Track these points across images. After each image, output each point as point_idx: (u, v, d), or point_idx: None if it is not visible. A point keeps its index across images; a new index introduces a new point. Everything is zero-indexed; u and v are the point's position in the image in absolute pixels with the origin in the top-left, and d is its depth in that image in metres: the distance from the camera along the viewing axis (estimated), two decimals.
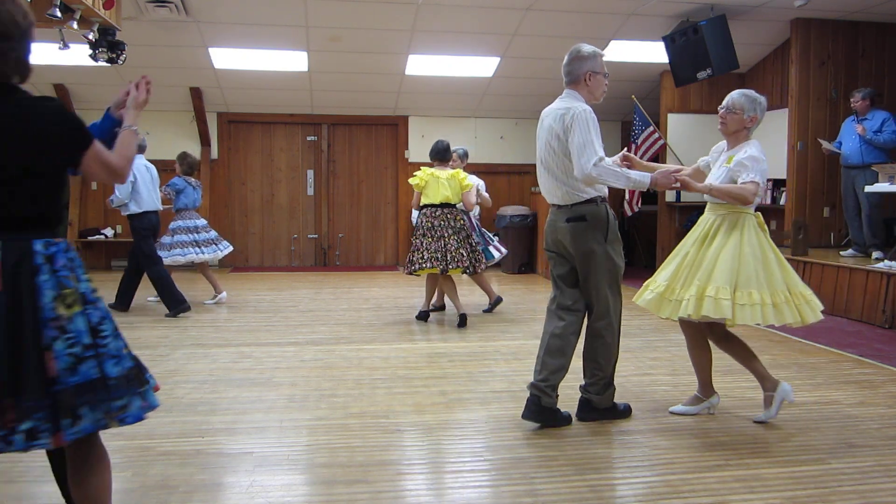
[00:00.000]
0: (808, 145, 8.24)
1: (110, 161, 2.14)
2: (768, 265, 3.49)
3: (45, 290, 1.94)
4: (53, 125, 2.01)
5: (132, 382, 2.08)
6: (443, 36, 8.50)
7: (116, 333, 2.09)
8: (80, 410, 1.95)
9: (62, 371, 1.92)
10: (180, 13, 7.68)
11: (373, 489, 2.88)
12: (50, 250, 2.00)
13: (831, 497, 2.82)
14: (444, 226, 6.18)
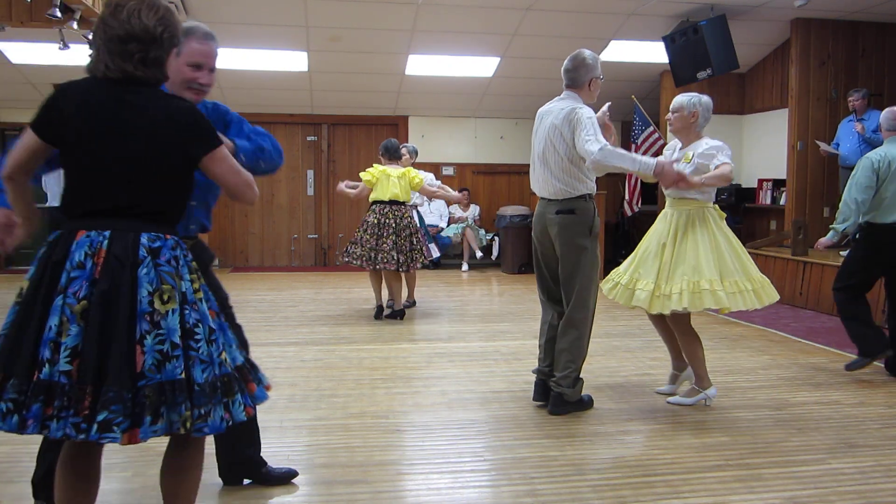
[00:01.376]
0: (807, 145, 8.24)
1: (240, 169, 2.14)
2: (738, 254, 3.78)
3: (144, 283, 1.93)
4: (179, 123, 2.03)
5: (218, 391, 1.99)
6: (443, 36, 8.50)
7: (212, 339, 2.01)
8: (160, 410, 1.92)
9: (149, 367, 1.90)
10: (180, 13, 7.68)
11: (373, 489, 2.88)
12: (155, 244, 1.98)
13: (831, 497, 2.82)
14: (389, 223, 6.35)
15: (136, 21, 1.97)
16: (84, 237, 1.95)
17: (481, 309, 7.07)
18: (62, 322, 1.87)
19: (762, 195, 9.18)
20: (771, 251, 8.04)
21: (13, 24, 5.56)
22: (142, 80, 2.02)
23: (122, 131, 1.98)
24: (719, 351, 5.33)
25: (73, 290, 1.89)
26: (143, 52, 1.99)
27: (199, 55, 2.49)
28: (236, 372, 2.07)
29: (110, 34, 1.98)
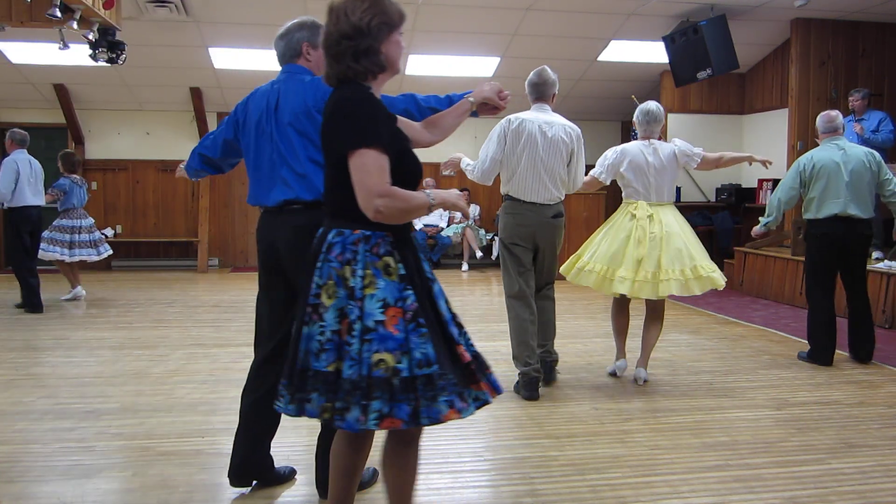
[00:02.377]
0: (807, 145, 8.23)
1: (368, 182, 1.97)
2: None
3: (315, 277, 2.04)
4: (335, 117, 2.06)
5: (360, 392, 1.95)
6: (443, 36, 8.49)
7: (367, 338, 1.97)
8: (311, 395, 2.01)
9: (307, 354, 2.02)
10: (180, 13, 7.68)
11: (373, 489, 2.87)
12: (334, 239, 2.04)
13: (831, 497, 2.82)
14: None
15: (344, 20, 2.05)
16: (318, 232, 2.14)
17: (481, 309, 7.07)
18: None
19: (762, 195, 9.18)
20: (771, 251, 8.04)
21: (13, 24, 5.56)
22: (350, 80, 2.07)
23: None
24: (719, 351, 5.33)
25: None
26: (354, 47, 2.04)
27: None
28: (400, 381, 1.96)
29: (329, 41, 2.08)
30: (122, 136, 10.36)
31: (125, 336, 5.75)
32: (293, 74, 2.79)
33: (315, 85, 2.70)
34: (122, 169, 10.41)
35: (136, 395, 4.13)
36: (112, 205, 10.46)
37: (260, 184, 2.72)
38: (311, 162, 2.59)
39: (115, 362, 4.89)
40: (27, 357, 5.04)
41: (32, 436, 3.45)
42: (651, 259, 4.16)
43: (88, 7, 5.39)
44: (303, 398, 2.01)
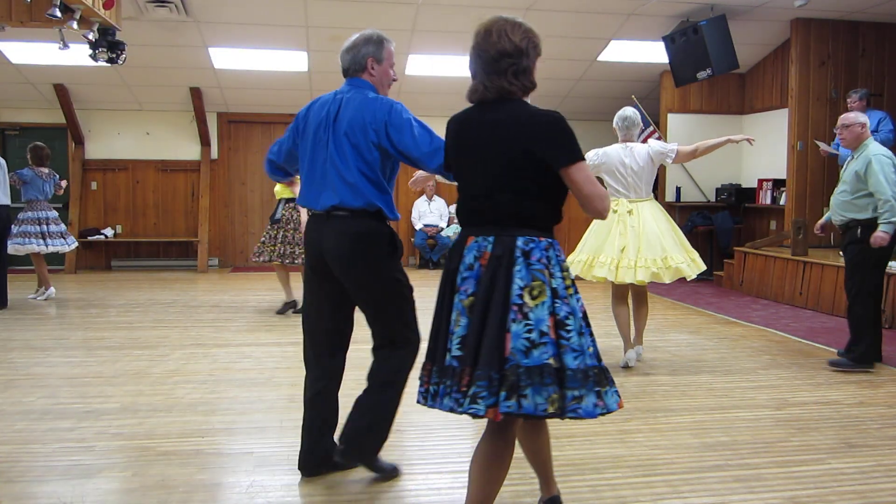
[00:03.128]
0: (807, 145, 8.24)
1: (597, 188, 2.25)
2: None
3: (517, 280, 2.15)
4: (549, 134, 2.23)
5: (591, 379, 2.15)
6: (443, 36, 8.49)
7: (583, 331, 2.19)
8: (525, 391, 2.07)
9: (515, 351, 2.10)
10: (180, 13, 7.68)
11: (373, 489, 2.88)
12: (528, 246, 2.19)
13: (831, 497, 2.82)
14: (295, 218, 6.64)
15: (505, 39, 2.26)
16: (473, 242, 2.25)
17: None
18: (457, 316, 2.20)
19: (762, 195, 9.18)
20: (771, 251, 8.04)
21: (13, 24, 5.56)
22: (511, 94, 2.27)
23: (496, 148, 2.25)
24: (719, 351, 5.33)
25: (464, 287, 2.22)
26: (515, 65, 2.25)
27: (393, 58, 2.94)
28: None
29: (485, 57, 2.26)
30: (122, 136, 10.36)
31: (125, 336, 5.75)
32: (358, 89, 2.91)
33: (377, 103, 2.86)
34: (122, 169, 10.41)
35: (136, 395, 4.13)
36: (112, 205, 10.46)
37: (311, 188, 2.87)
38: (360, 173, 2.78)
39: (115, 362, 4.89)
40: (27, 357, 5.04)
41: (32, 436, 3.45)
42: (632, 247, 4.60)
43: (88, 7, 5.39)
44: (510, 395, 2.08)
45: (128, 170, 10.41)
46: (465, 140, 2.33)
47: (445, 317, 2.25)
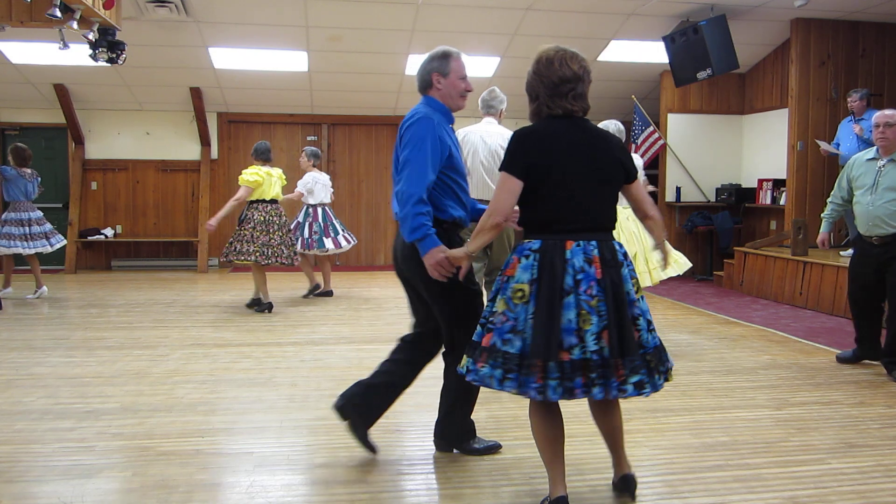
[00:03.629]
0: (807, 145, 8.24)
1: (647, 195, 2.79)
2: None
3: (627, 279, 2.53)
4: (625, 150, 2.68)
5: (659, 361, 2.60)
6: (443, 36, 8.47)
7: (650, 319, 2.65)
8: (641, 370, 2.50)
9: (643, 340, 2.54)
10: (180, 13, 7.68)
11: (373, 489, 2.88)
12: (622, 249, 2.59)
13: (831, 497, 2.82)
14: (274, 220, 6.90)
15: (566, 67, 2.57)
16: (575, 247, 2.49)
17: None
18: (581, 315, 2.43)
19: (762, 195, 9.18)
20: (771, 251, 8.04)
21: (13, 24, 5.55)
22: (574, 114, 2.60)
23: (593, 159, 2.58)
24: (719, 351, 5.33)
25: (583, 289, 2.45)
26: (574, 90, 2.57)
27: (463, 68, 3.10)
28: None
29: (547, 82, 2.58)
30: (122, 136, 10.36)
31: (125, 336, 5.75)
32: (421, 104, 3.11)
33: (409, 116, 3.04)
34: (122, 169, 10.41)
35: (136, 395, 4.14)
36: (112, 205, 10.46)
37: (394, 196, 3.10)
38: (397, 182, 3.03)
39: (115, 362, 4.89)
40: (27, 357, 5.04)
41: (32, 436, 3.45)
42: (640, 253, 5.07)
43: (88, 7, 5.39)
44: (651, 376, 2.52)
45: (128, 170, 10.41)
46: (556, 153, 2.54)
47: (557, 316, 2.42)
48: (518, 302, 2.47)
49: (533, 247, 2.52)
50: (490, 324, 2.54)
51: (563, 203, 2.53)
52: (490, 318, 2.55)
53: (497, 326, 2.50)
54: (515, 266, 2.52)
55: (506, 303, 2.51)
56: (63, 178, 10.38)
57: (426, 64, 3.11)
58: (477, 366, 2.53)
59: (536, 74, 2.59)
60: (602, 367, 2.43)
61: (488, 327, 2.55)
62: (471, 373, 2.56)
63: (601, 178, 2.57)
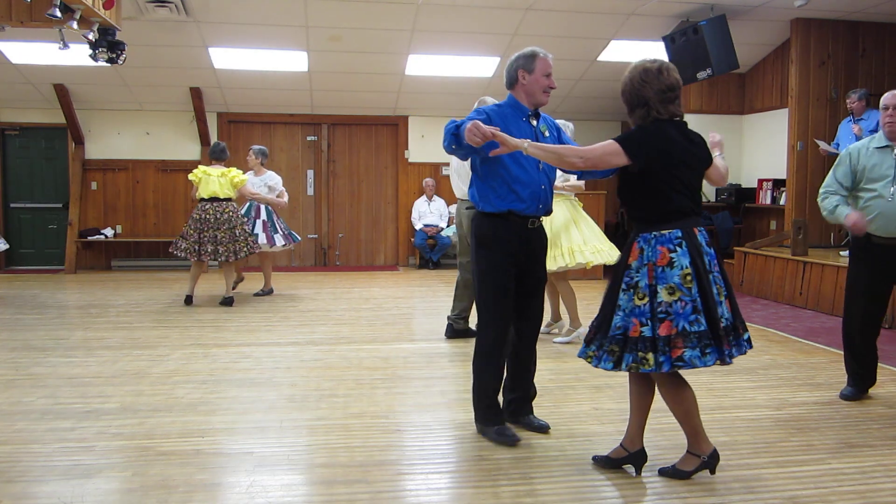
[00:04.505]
0: (807, 145, 8.24)
1: None
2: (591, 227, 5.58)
3: (715, 262, 2.88)
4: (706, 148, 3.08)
5: None
6: (443, 36, 8.49)
7: None
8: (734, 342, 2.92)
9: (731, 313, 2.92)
10: (180, 13, 7.68)
11: (373, 489, 2.88)
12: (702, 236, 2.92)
13: (831, 497, 2.83)
14: (209, 219, 7.06)
15: (671, 76, 2.92)
16: (699, 233, 2.88)
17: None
18: (718, 289, 2.84)
19: (762, 195, 9.18)
20: (771, 251, 8.04)
21: (13, 24, 5.55)
22: (676, 116, 2.96)
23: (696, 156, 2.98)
24: None
25: (714, 267, 2.86)
26: (676, 96, 2.93)
27: (548, 67, 3.39)
28: None
29: (656, 89, 2.90)
30: (122, 136, 10.36)
31: (125, 336, 5.75)
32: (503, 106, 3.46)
33: None
34: (122, 169, 10.41)
35: (136, 395, 4.14)
36: (112, 205, 10.46)
37: None
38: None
39: (114, 362, 4.89)
40: (27, 357, 5.04)
41: (32, 436, 3.45)
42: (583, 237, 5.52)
43: (88, 7, 5.39)
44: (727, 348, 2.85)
45: (128, 170, 10.41)
46: (675, 151, 2.89)
47: (712, 292, 2.79)
48: (689, 285, 2.77)
49: (677, 235, 2.82)
50: (664, 313, 2.76)
51: (685, 196, 2.90)
52: (663, 310, 2.76)
53: (680, 312, 2.75)
54: (667, 255, 2.79)
55: (677, 289, 2.76)
56: (63, 178, 10.38)
57: (513, 61, 3.40)
58: (673, 355, 2.75)
59: (645, 83, 2.89)
60: (733, 330, 2.88)
61: (660, 317, 2.76)
62: (664, 364, 2.77)
63: (700, 173, 3.03)
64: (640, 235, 2.87)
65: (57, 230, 10.36)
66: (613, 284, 2.92)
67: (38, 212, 10.40)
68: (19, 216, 10.40)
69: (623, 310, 2.84)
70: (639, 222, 2.92)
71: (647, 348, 2.76)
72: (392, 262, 11.18)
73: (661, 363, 2.75)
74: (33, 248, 10.44)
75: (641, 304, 2.79)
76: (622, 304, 2.84)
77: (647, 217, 2.87)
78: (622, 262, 2.95)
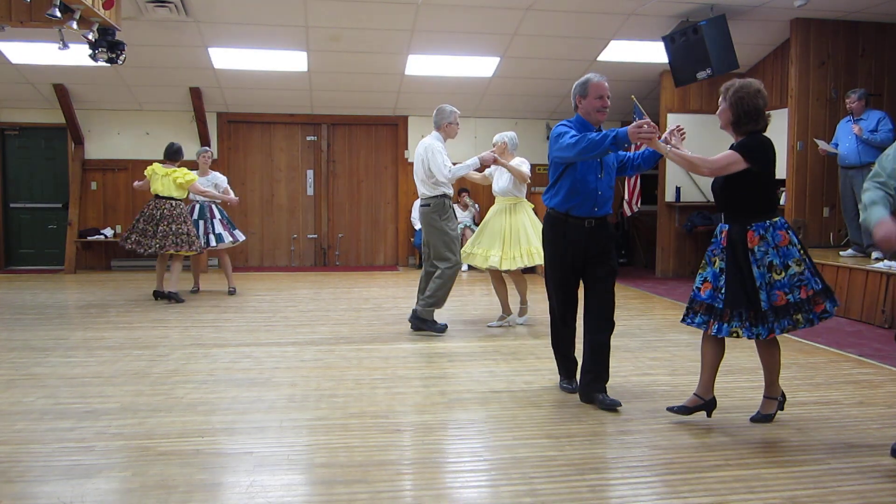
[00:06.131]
0: (807, 145, 8.24)
1: None
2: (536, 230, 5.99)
3: None
4: None
5: None
6: (443, 36, 8.49)
7: None
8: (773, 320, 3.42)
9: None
10: (180, 13, 7.68)
11: (373, 489, 2.88)
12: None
13: (831, 497, 2.82)
14: (155, 215, 7.34)
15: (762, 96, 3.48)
16: None
17: (481, 309, 7.07)
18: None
19: None
20: None
21: (13, 24, 5.56)
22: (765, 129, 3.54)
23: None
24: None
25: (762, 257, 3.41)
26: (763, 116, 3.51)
27: (600, 90, 3.92)
28: None
29: (763, 106, 3.45)
30: (122, 136, 10.37)
31: (125, 336, 5.75)
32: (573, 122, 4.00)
33: None
34: (121, 169, 10.41)
35: (136, 395, 4.14)
36: (112, 205, 10.46)
37: None
38: None
39: (114, 362, 4.89)
40: (27, 357, 5.04)
41: (32, 436, 3.45)
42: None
43: (88, 7, 5.39)
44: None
45: (128, 170, 10.41)
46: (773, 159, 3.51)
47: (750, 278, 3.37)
48: (805, 256, 3.40)
49: (784, 222, 3.44)
50: (799, 281, 3.38)
51: (770, 198, 3.52)
52: (797, 279, 3.38)
53: (809, 278, 3.39)
54: (786, 236, 3.39)
55: (800, 261, 3.38)
56: (63, 178, 10.38)
57: (573, 90, 3.99)
58: (817, 310, 3.40)
59: (761, 98, 3.44)
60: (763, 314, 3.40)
61: (797, 285, 3.38)
62: (814, 320, 3.39)
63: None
64: (754, 225, 3.40)
65: (57, 230, 10.37)
66: (733, 267, 3.44)
67: (38, 212, 10.41)
68: (19, 216, 10.41)
69: (767, 285, 3.38)
70: (747, 214, 3.44)
71: (796, 310, 3.37)
72: (392, 262, 11.18)
73: (811, 319, 3.38)
74: (33, 248, 10.44)
75: (780, 277, 3.37)
76: (761, 282, 3.38)
77: (759, 209, 3.43)
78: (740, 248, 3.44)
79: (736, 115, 3.47)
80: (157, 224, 7.30)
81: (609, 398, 3.91)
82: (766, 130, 3.52)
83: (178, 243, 7.32)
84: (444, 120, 5.94)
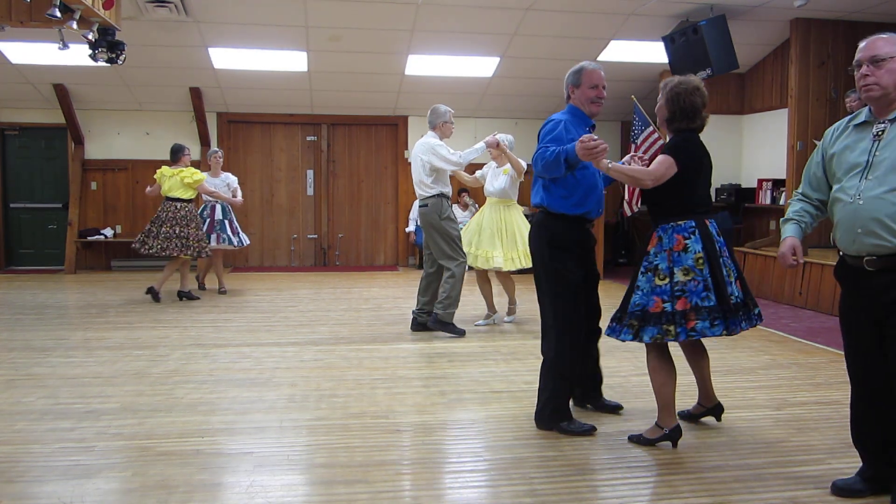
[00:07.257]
0: (807, 145, 8.24)
1: None
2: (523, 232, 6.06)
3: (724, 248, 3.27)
4: None
5: None
6: (443, 36, 8.49)
7: None
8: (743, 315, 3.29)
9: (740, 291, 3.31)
10: (180, 13, 7.68)
11: (372, 489, 2.88)
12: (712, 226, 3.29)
13: (831, 497, 2.82)
14: (162, 216, 7.35)
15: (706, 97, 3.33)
16: (710, 223, 3.25)
17: (481, 309, 7.06)
18: (728, 271, 3.22)
19: (762, 195, 9.17)
20: (771, 251, 8.04)
21: (13, 24, 5.55)
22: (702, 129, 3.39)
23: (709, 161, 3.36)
24: (719, 351, 5.32)
25: (725, 252, 3.24)
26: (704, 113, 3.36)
27: (594, 78, 3.61)
28: None
29: (699, 104, 3.30)
30: (122, 136, 10.36)
31: (125, 336, 5.75)
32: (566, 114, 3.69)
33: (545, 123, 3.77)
34: (121, 169, 10.41)
35: (136, 395, 4.14)
36: (112, 205, 10.46)
37: None
38: None
39: (114, 362, 4.89)
40: (27, 357, 5.04)
41: (32, 436, 3.45)
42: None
43: (88, 7, 5.39)
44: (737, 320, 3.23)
45: (128, 170, 10.41)
46: (703, 157, 3.33)
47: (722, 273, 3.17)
48: (701, 267, 3.15)
49: (691, 225, 3.20)
50: (680, 291, 3.15)
51: (703, 192, 3.33)
52: (679, 288, 3.15)
53: (692, 290, 3.13)
54: (683, 241, 3.18)
55: (690, 270, 3.15)
56: (63, 178, 10.38)
57: (565, 78, 3.70)
58: (688, 326, 3.12)
59: (699, 97, 3.27)
60: (743, 306, 3.24)
61: (677, 295, 3.14)
62: (680, 335, 3.13)
63: (709, 176, 3.39)
64: (660, 227, 3.25)
65: (57, 230, 10.36)
66: (635, 270, 3.33)
67: (38, 212, 10.40)
68: (19, 216, 10.40)
69: (642, 289, 3.22)
70: (657, 215, 3.29)
71: (668, 321, 3.14)
72: (392, 262, 11.18)
73: (678, 333, 3.13)
74: (33, 248, 10.44)
75: (662, 283, 3.18)
76: (640, 284, 3.23)
77: (671, 211, 3.25)
78: (642, 250, 3.35)
79: (671, 112, 3.31)
80: (162, 225, 7.30)
81: (609, 401, 3.89)
82: (701, 131, 3.34)
83: (182, 247, 7.29)
84: (439, 119, 6.01)
